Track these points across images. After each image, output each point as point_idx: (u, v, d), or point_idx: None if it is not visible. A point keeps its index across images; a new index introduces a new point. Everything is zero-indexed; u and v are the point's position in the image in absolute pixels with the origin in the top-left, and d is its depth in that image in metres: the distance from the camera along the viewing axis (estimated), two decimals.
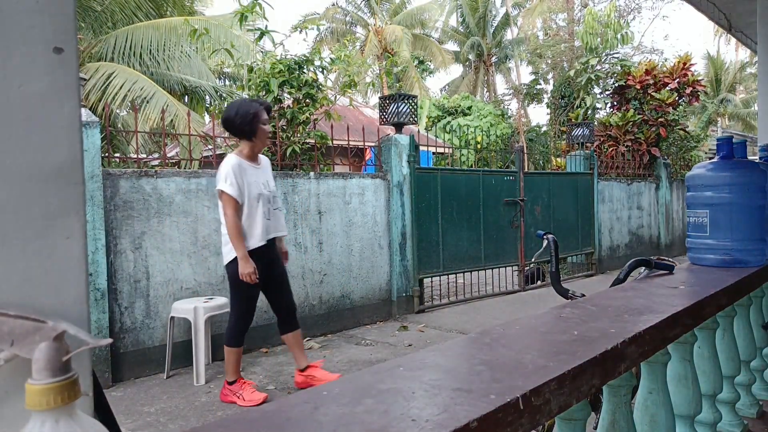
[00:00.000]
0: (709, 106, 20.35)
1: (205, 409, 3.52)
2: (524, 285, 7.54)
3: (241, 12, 5.49)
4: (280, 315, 3.75)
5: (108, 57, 10.29)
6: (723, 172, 1.81)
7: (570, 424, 0.96)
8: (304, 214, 5.22)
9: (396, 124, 6.24)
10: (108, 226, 4.05)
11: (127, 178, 4.16)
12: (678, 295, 1.35)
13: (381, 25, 23.12)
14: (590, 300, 1.32)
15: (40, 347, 0.51)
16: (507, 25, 25.04)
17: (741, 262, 1.76)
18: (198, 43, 6.89)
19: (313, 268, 5.30)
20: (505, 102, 24.86)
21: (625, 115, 10.78)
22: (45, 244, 0.59)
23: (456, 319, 5.95)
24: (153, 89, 9.76)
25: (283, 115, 5.54)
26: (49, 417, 0.50)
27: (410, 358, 0.83)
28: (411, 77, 21.52)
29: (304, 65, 5.74)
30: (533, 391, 0.69)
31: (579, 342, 0.91)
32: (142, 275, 4.21)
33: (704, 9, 4.28)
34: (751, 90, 27.72)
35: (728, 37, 26.68)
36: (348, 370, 4.28)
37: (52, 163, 0.59)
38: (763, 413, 1.79)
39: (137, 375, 4.16)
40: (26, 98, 0.58)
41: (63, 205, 0.60)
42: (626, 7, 18.39)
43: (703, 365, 1.46)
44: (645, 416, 1.20)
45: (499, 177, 7.34)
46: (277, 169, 5.30)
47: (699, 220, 1.84)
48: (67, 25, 0.61)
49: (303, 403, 0.65)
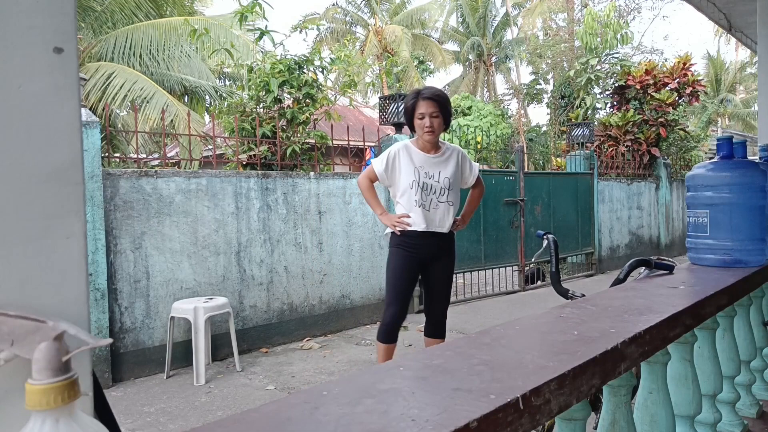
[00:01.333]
0: (709, 106, 20.34)
1: (205, 409, 3.52)
2: (524, 285, 7.54)
3: (241, 12, 5.49)
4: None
5: (108, 57, 10.30)
6: (723, 172, 1.81)
7: (570, 424, 0.96)
8: (304, 214, 5.22)
9: (396, 124, 6.24)
10: (108, 226, 4.05)
11: (127, 178, 4.16)
12: (678, 295, 1.35)
13: (381, 25, 23.12)
14: (590, 300, 1.32)
15: (40, 347, 0.51)
16: (507, 25, 25.04)
17: (741, 262, 1.76)
18: (198, 43, 6.88)
19: (313, 268, 5.30)
20: (505, 102, 24.87)
21: (625, 115, 10.78)
22: (45, 244, 0.59)
23: (456, 319, 5.94)
24: (153, 89, 9.77)
25: (283, 115, 5.54)
26: (49, 417, 0.50)
27: (410, 358, 0.83)
28: (411, 77, 21.52)
29: (304, 65, 5.74)
30: (533, 391, 0.69)
31: (579, 342, 0.91)
32: (142, 275, 4.21)
33: (704, 9, 4.28)
34: (751, 90, 27.72)
35: (728, 37, 26.67)
36: (348, 370, 4.28)
37: (52, 163, 0.59)
38: (763, 413, 1.79)
39: (137, 375, 4.16)
40: (26, 98, 0.58)
41: (63, 205, 0.60)
42: (626, 7, 18.38)
43: (703, 365, 1.46)
44: (645, 416, 1.20)
45: (499, 177, 7.34)
46: (277, 169, 5.30)
47: (699, 220, 1.84)
48: (67, 25, 0.61)
49: (303, 403, 0.65)
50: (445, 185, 3.21)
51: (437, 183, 3.20)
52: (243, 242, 4.80)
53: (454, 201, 3.24)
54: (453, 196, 3.23)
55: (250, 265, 4.84)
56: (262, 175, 4.97)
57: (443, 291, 3.34)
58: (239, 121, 5.40)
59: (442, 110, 3.14)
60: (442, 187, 3.20)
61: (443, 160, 3.24)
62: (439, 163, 3.23)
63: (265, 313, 4.93)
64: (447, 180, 3.21)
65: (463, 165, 3.32)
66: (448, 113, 3.20)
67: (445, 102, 3.17)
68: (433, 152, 3.24)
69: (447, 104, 3.18)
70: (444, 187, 3.20)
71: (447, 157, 3.26)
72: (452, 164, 3.25)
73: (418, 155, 3.23)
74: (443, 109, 3.14)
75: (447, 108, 3.18)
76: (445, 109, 3.15)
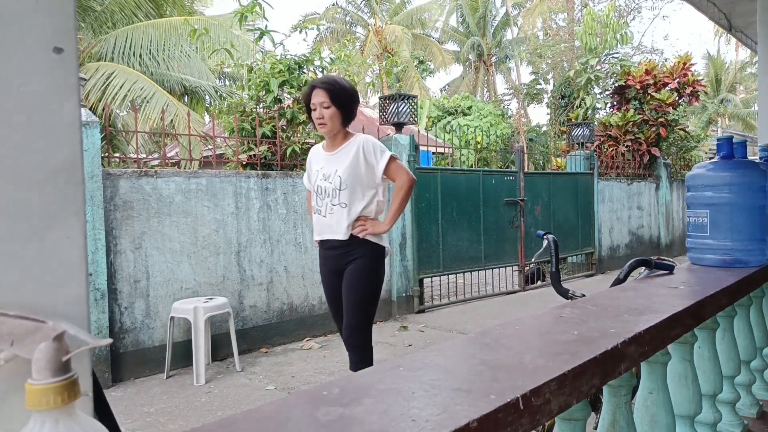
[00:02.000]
0: (710, 106, 20.34)
1: (205, 409, 3.52)
2: (524, 285, 7.54)
3: (241, 12, 5.49)
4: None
5: (108, 57, 10.30)
6: (723, 172, 1.81)
7: (570, 424, 0.96)
8: (304, 215, 5.22)
9: (396, 124, 6.24)
10: (108, 226, 4.05)
11: (126, 178, 4.17)
12: (678, 295, 1.35)
13: (381, 25, 23.12)
14: (590, 300, 1.32)
15: (40, 347, 0.51)
16: (507, 25, 25.04)
17: (741, 262, 1.76)
18: (198, 43, 6.89)
19: (313, 268, 5.29)
20: (505, 102, 24.88)
21: (625, 115, 10.79)
22: (45, 244, 0.59)
23: (456, 319, 5.95)
24: (153, 89, 9.77)
25: (283, 115, 5.54)
26: (49, 417, 0.50)
27: (410, 358, 0.83)
28: (411, 77, 21.52)
29: (304, 65, 5.74)
30: (533, 391, 0.69)
31: (579, 342, 0.91)
32: (142, 275, 4.21)
33: (704, 9, 4.28)
34: (752, 90, 27.71)
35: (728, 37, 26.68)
36: (348, 370, 4.28)
37: (52, 163, 0.59)
38: (763, 413, 1.79)
39: (137, 375, 4.16)
40: (26, 98, 0.58)
41: (63, 205, 0.60)
42: (626, 7, 18.40)
43: (704, 365, 1.46)
44: (645, 416, 1.20)
45: (499, 177, 7.34)
46: (277, 169, 5.30)
47: (699, 220, 1.84)
48: (67, 25, 0.61)
49: (303, 403, 0.65)
50: (336, 185, 2.81)
51: (330, 184, 2.83)
52: (243, 242, 4.80)
53: (349, 202, 2.78)
54: (347, 196, 2.79)
55: (250, 265, 4.84)
56: (262, 175, 4.97)
57: (347, 305, 2.84)
58: (239, 121, 5.40)
59: (335, 99, 2.75)
60: (334, 188, 2.82)
61: (340, 157, 2.84)
62: (336, 161, 2.85)
63: (265, 313, 4.93)
64: (338, 179, 2.80)
65: (367, 156, 2.81)
66: (347, 102, 2.80)
67: (339, 90, 2.77)
68: (333, 149, 2.88)
69: (342, 93, 2.78)
70: (336, 188, 2.81)
71: (347, 151, 2.83)
72: (348, 159, 2.81)
73: (319, 156, 2.95)
74: (335, 98, 2.75)
75: (342, 97, 2.77)
76: (338, 98, 2.76)
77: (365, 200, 2.82)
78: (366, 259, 2.83)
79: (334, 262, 2.89)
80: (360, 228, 2.81)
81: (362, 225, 2.81)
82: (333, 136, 2.85)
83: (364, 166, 2.81)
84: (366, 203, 2.82)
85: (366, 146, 2.81)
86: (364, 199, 2.81)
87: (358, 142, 2.83)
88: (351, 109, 2.84)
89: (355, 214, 2.79)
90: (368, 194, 2.83)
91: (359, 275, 2.82)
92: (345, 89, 2.81)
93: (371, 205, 2.84)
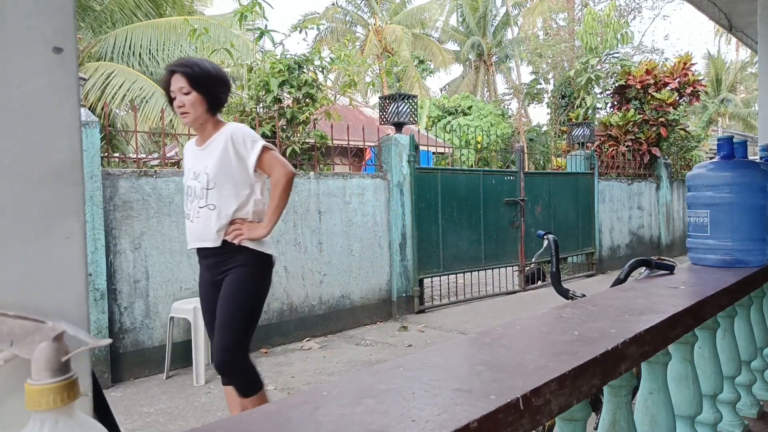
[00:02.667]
0: (710, 106, 20.35)
1: (205, 410, 3.52)
2: (524, 285, 7.54)
3: (241, 12, 5.49)
4: None
5: (107, 57, 10.30)
6: (723, 172, 1.81)
7: (570, 425, 0.96)
8: (304, 214, 5.22)
9: (396, 123, 6.24)
10: (107, 226, 4.04)
11: (126, 178, 4.16)
12: (679, 295, 1.35)
13: (381, 25, 23.11)
14: (591, 300, 1.32)
15: (40, 347, 0.51)
16: (507, 24, 25.04)
17: (741, 262, 1.76)
18: (198, 42, 6.88)
19: (313, 268, 5.30)
20: (505, 102, 24.88)
21: (626, 115, 10.79)
22: (45, 244, 0.59)
23: (456, 319, 5.95)
24: (152, 89, 9.76)
25: (282, 115, 5.54)
26: (48, 417, 0.50)
27: (410, 358, 0.83)
28: (411, 77, 21.51)
29: (303, 65, 5.74)
30: (533, 391, 0.69)
31: (579, 342, 0.91)
32: (142, 275, 4.21)
33: (705, 9, 4.28)
34: (752, 90, 27.71)
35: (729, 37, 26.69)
36: (348, 370, 4.28)
37: (51, 163, 0.59)
38: (763, 413, 1.79)
39: (137, 375, 4.16)
40: (26, 98, 0.58)
41: (63, 205, 0.60)
42: (626, 6, 18.40)
43: (704, 365, 1.46)
44: (645, 416, 1.20)
45: (499, 177, 7.34)
46: None
47: (700, 220, 1.84)
48: (67, 25, 0.60)
49: (303, 403, 0.65)
50: (203, 184, 2.43)
51: (198, 183, 2.45)
52: None
53: (218, 203, 2.41)
54: (215, 197, 2.41)
55: None
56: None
57: (218, 323, 2.44)
58: (239, 120, 5.40)
59: (195, 84, 2.38)
60: (201, 188, 2.43)
61: (210, 151, 2.46)
62: (205, 156, 2.47)
63: (265, 314, 4.92)
64: (206, 176, 2.42)
65: (237, 147, 2.43)
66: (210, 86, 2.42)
67: (200, 73, 2.40)
68: (203, 143, 2.51)
69: (204, 75, 2.41)
70: (203, 187, 2.43)
71: (216, 145, 2.45)
72: (216, 152, 2.43)
73: (190, 153, 2.58)
74: (196, 82, 2.38)
75: (203, 79, 2.40)
76: (199, 81, 2.38)
77: (239, 200, 2.43)
78: (245, 269, 2.45)
79: (208, 272, 2.53)
80: (234, 233, 2.41)
81: (237, 229, 2.42)
82: (200, 127, 2.48)
83: (234, 159, 2.42)
84: (240, 204, 2.43)
85: (235, 136, 2.43)
86: (237, 198, 2.43)
87: (227, 133, 2.44)
88: (217, 94, 2.45)
89: (226, 217, 2.41)
90: (243, 193, 2.44)
91: (235, 287, 2.43)
92: (207, 71, 2.43)
93: (247, 205, 2.45)
